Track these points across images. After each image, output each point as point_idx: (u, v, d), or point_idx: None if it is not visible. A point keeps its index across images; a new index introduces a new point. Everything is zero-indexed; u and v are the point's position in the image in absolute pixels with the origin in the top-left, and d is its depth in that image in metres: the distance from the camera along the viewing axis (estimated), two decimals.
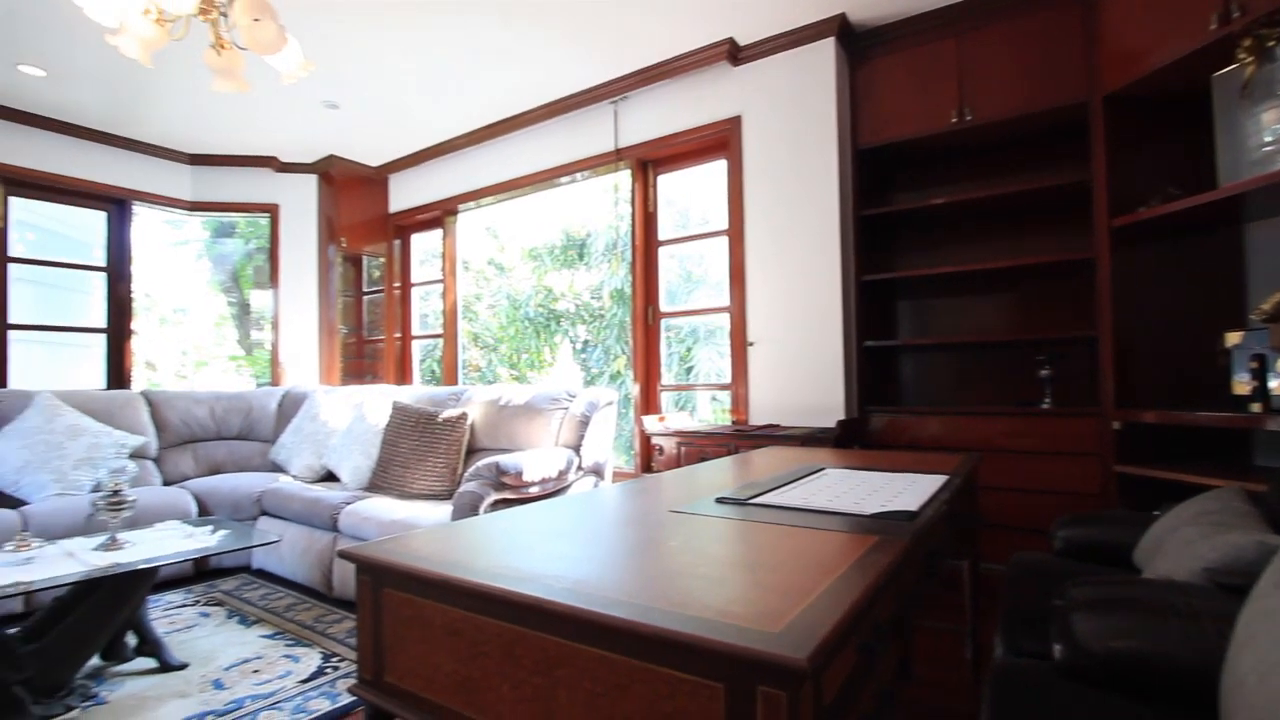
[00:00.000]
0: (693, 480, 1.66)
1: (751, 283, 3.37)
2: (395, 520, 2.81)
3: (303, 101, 3.88)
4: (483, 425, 3.43)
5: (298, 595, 3.12)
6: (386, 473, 3.35)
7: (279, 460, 3.99)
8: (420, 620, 0.85)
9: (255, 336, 7.90)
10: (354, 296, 5.17)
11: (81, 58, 3.36)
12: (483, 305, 7.52)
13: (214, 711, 2.01)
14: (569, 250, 7.33)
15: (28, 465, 3.13)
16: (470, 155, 4.58)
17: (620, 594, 0.74)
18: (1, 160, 3.92)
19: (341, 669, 2.31)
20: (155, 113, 4.04)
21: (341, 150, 4.72)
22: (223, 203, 4.86)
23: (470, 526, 1.14)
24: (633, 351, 3.90)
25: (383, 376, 5.08)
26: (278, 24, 1.80)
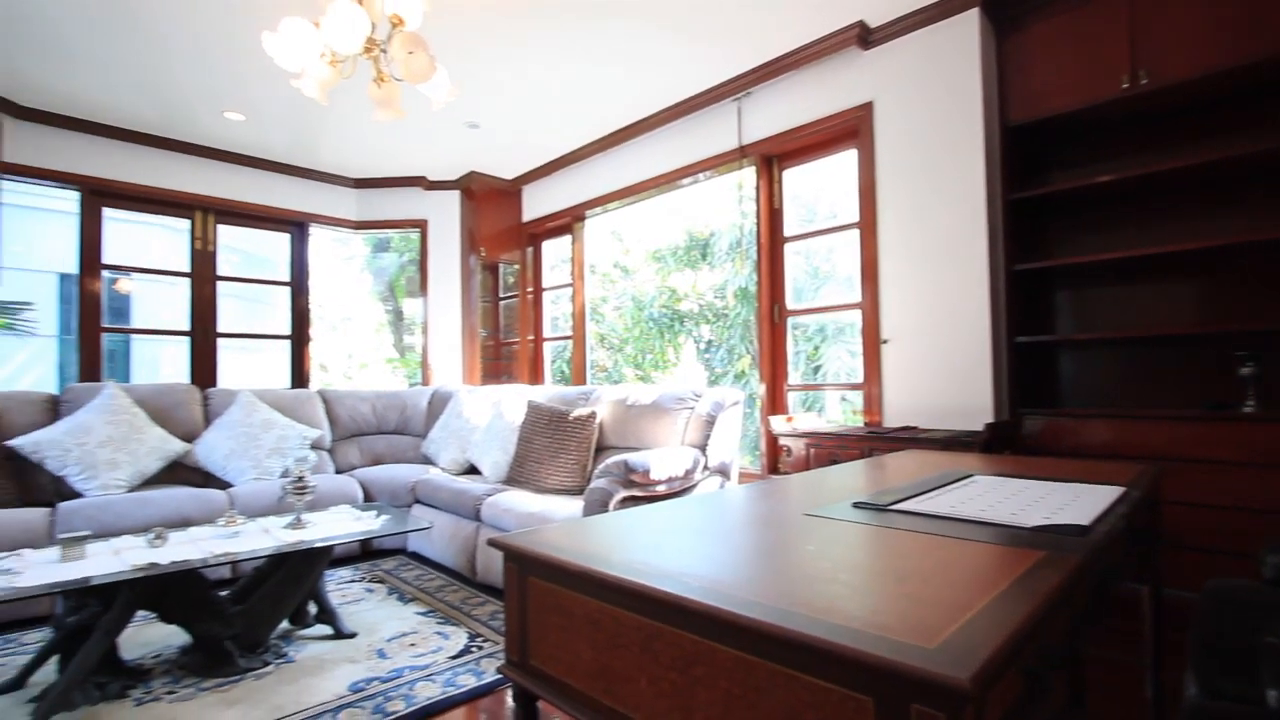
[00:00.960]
0: (824, 483, 1.60)
1: (885, 277, 3.19)
2: (531, 513, 2.97)
3: (447, 124, 4.22)
4: (611, 424, 3.53)
5: (446, 578, 3.39)
6: (523, 467, 3.55)
7: (429, 453, 4.37)
8: (562, 609, 0.90)
9: (407, 340, 8.72)
10: (491, 302, 5.54)
11: (271, 102, 3.88)
12: (609, 307, 7.75)
13: (379, 678, 2.24)
14: (692, 251, 7.36)
15: (232, 453, 3.67)
16: (596, 163, 4.74)
17: (758, 596, 0.74)
18: (212, 194, 4.63)
19: (485, 649, 2.48)
20: (327, 144, 4.58)
21: (480, 166, 5.07)
22: (381, 220, 5.40)
23: (605, 522, 1.18)
24: (758, 351, 3.84)
25: (517, 377, 5.39)
26: (429, 54, 1.98)
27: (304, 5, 2.71)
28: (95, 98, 3.84)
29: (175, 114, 4.06)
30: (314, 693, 2.12)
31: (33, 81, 3.65)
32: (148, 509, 3.08)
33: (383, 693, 2.12)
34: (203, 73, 3.54)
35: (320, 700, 2.07)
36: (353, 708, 2.03)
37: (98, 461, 3.23)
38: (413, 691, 2.13)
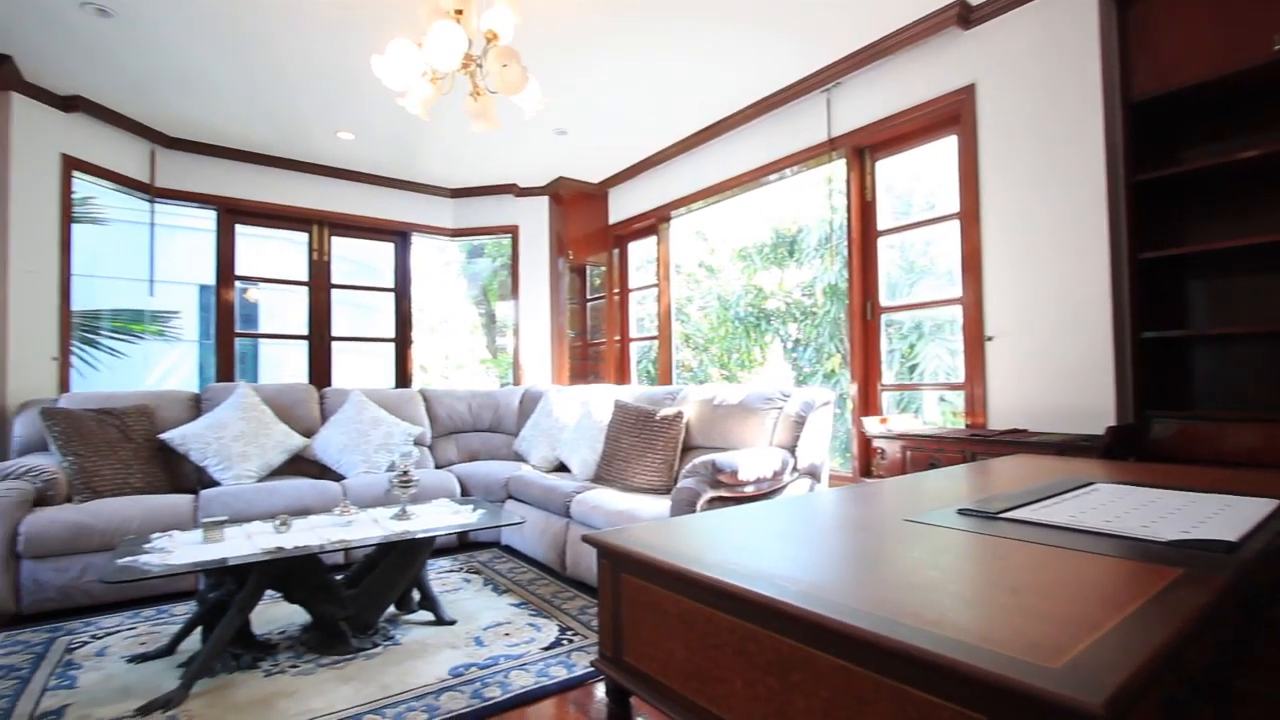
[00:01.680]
0: (923, 488, 1.53)
1: (989, 269, 3.00)
2: (619, 510, 3.02)
3: (537, 132, 4.36)
4: (697, 423, 3.52)
5: (537, 571, 3.50)
6: (610, 466, 3.61)
7: (521, 451, 4.52)
8: (655, 607, 0.91)
9: (499, 342, 9.09)
10: (579, 304, 5.66)
11: (377, 121, 4.15)
12: (694, 307, 7.74)
13: (476, 664, 2.34)
14: (778, 248, 7.22)
15: (345, 448, 3.96)
16: (681, 163, 4.74)
17: (859, 603, 0.71)
18: (327, 208, 5.02)
19: (575, 642, 2.53)
20: (427, 157, 4.85)
21: (568, 171, 5.20)
22: (475, 228, 5.65)
23: (696, 522, 1.17)
24: (849, 349, 3.71)
25: (604, 376, 5.48)
26: (521, 66, 2.06)
27: (407, 28, 2.88)
28: (228, 126, 4.26)
29: (295, 136, 4.43)
30: (418, 675, 2.25)
31: (178, 115, 4.09)
32: (274, 498, 3.37)
33: (480, 679, 2.22)
34: (318, 97, 3.84)
35: (424, 682, 2.19)
36: (453, 691, 2.13)
37: (232, 454, 3.58)
38: (508, 679, 2.21)
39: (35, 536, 2.81)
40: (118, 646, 2.52)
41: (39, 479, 2.98)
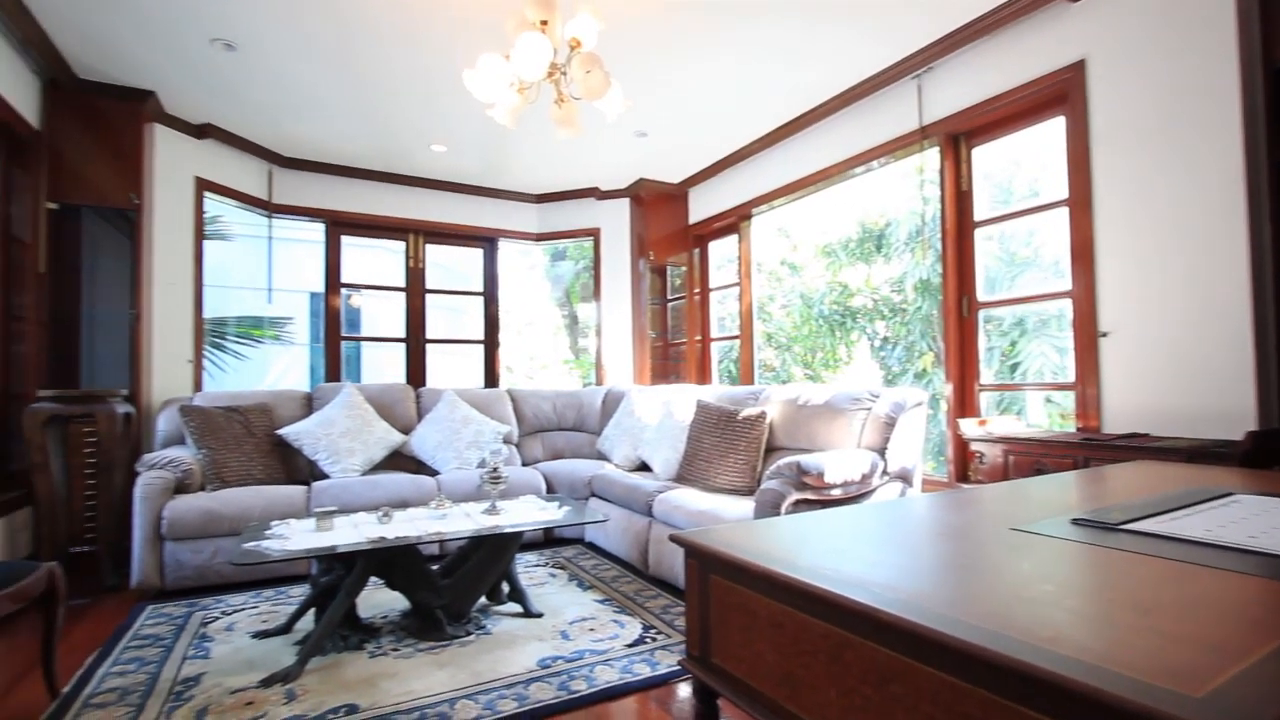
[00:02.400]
0: (1029, 495, 1.43)
1: (1103, 259, 2.76)
2: (701, 511, 3.01)
3: (618, 136, 4.42)
4: (781, 424, 3.45)
5: (620, 569, 3.54)
6: (692, 466, 3.60)
7: (603, 450, 4.59)
8: (744, 609, 0.90)
9: (581, 343, 9.28)
10: (660, 304, 5.69)
11: (468, 132, 4.34)
12: (776, 305, 7.59)
13: (563, 657, 2.40)
14: (865, 243, 6.96)
15: (440, 445, 4.16)
16: (763, 159, 4.67)
17: (964, 615, 0.67)
18: (421, 218, 5.30)
19: (659, 640, 2.55)
20: (513, 165, 5.02)
21: (648, 173, 5.23)
22: (558, 231, 5.80)
23: (785, 524, 1.15)
24: (943, 347, 3.53)
25: (685, 376, 5.48)
26: (604, 71, 2.09)
27: (496, 42, 3.00)
28: (335, 145, 4.58)
29: (393, 151, 4.71)
30: (508, 664, 2.34)
31: (293, 137, 4.44)
32: (376, 490, 3.59)
33: (567, 671, 2.28)
34: (415, 113, 4.06)
35: (513, 671, 2.27)
36: (541, 682, 2.20)
37: (339, 449, 3.84)
38: (593, 674, 2.26)
39: (175, 520, 3.13)
40: (243, 623, 2.77)
41: (178, 469, 3.32)
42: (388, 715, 1.98)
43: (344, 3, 2.89)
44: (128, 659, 2.41)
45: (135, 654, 2.46)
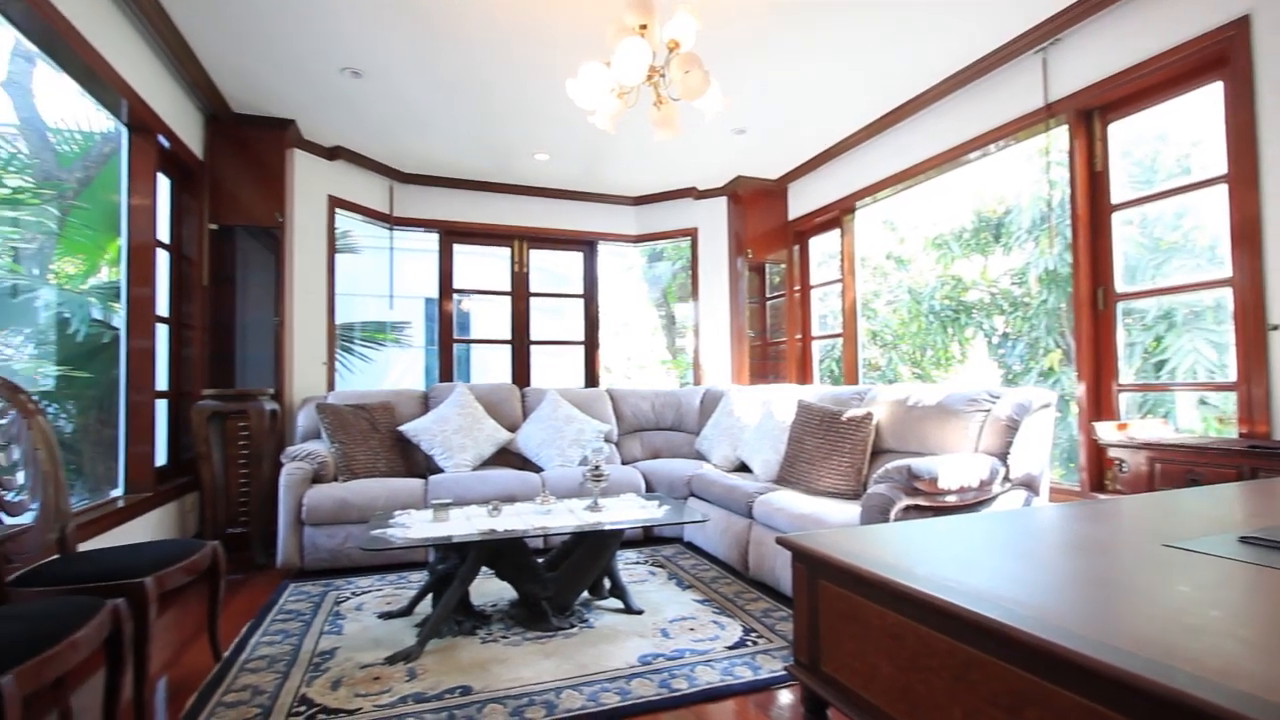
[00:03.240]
0: (1182, 508, 1.28)
1: (1272, 241, 2.42)
2: (803, 514, 2.93)
3: (715, 134, 4.39)
4: (888, 426, 3.30)
5: (719, 569, 3.52)
6: (793, 467, 3.52)
7: (702, 450, 4.58)
8: (857, 617, 0.87)
9: (679, 343, 9.31)
10: (758, 303, 5.60)
11: (569, 139, 4.48)
12: (881, 302, 7.25)
13: (663, 655, 2.42)
14: (981, 233, 6.50)
15: (543, 442, 4.32)
16: (866, 150, 4.48)
17: (1114, 639, 0.61)
18: (525, 224, 5.52)
19: (760, 644, 2.51)
20: (611, 169, 5.12)
21: (746, 170, 5.16)
22: (656, 233, 5.84)
23: (899, 531, 1.10)
24: (1074, 344, 3.22)
25: (785, 376, 5.36)
26: (703, 70, 2.09)
27: (596, 50, 3.07)
28: (448, 159, 4.87)
29: (500, 162, 4.94)
30: (610, 658, 2.38)
31: (411, 153, 4.77)
32: (485, 485, 3.78)
33: (668, 669, 2.29)
34: (520, 125, 4.24)
35: (615, 666, 2.32)
36: (642, 678, 2.23)
37: (452, 445, 4.08)
38: (694, 674, 2.25)
39: (313, 507, 3.45)
40: (370, 603, 3.00)
41: (315, 461, 3.65)
42: (499, 698, 2.08)
43: (456, 28, 3.07)
44: (275, 631, 2.68)
45: (281, 626, 2.73)
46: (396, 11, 2.95)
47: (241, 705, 2.05)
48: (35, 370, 3.91)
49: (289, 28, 3.08)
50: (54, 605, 1.64)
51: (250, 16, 3.00)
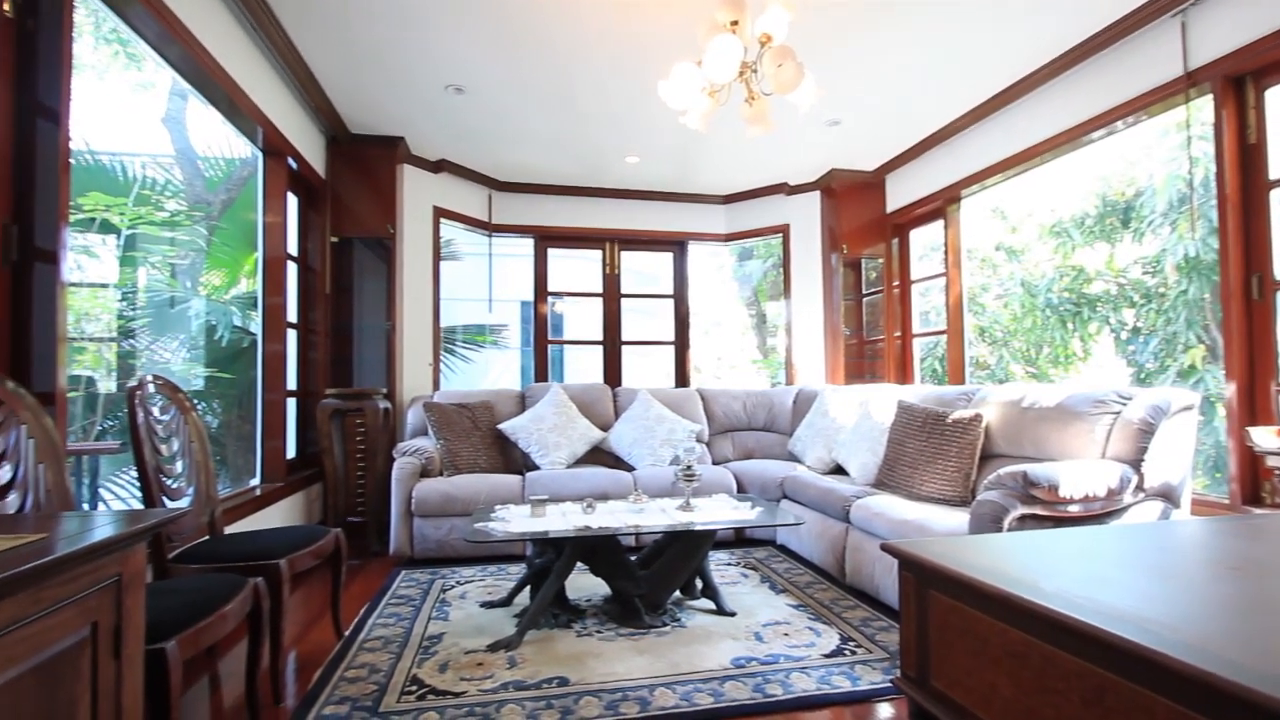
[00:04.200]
0: None
1: None
2: (906, 520, 2.79)
3: (808, 127, 4.27)
4: (1000, 428, 3.08)
5: (814, 574, 3.42)
6: (893, 471, 3.36)
7: (795, 451, 4.48)
8: (972, 632, 0.81)
9: (770, 342, 9.13)
10: (854, 299, 5.39)
11: (659, 141, 4.51)
12: (990, 296, 6.79)
13: (757, 659, 2.38)
14: (1107, 218, 5.93)
15: (635, 442, 4.37)
16: (972, 135, 4.21)
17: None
18: (617, 227, 5.61)
19: (858, 654, 2.42)
20: (701, 168, 5.10)
21: (840, 163, 4.99)
22: (746, 231, 5.77)
23: (1018, 541, 1.03)
24: (1222, 338, 2.88)
25: (883, 375, 5.13)
26: (796, 62, 2.04)
27: (686, 50, 3.08)
28: (543, 166, 5.04)
29: (592, 167, 5.05)
30: (703, 659, 2.38)
31: (508, 163, 4.97)
32: (579, 482, 3.88)
33: (762, 674, 2.25)
34: (612, 130, 4.32)
35: (708, 667, 2.31)
36: (735, 680, 2.20)
37: (548, 443, 4.21)
38: (789, 680, 2.21)
39: (421, 500, 3.67)
40: (473, 592, 3.16)
41: (423, 456, 3.88)
42: (594, 691, 2.12)
43: (548, 40, 3.17)
44: (388, 614, 2.88)
45: (394, 610, 2.92)
46: (495, 28, 3.09)
47: (360, 681, 2.22)
48: (188, 372, 4.41)
49: (400, 50, 3.30)
50: (206, 581, 1.84)
51: (366, 42, 3.24)
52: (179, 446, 2.29)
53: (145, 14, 2.26)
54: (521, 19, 3.00)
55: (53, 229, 1.81)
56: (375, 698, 2.10)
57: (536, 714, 1.99)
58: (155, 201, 4.52)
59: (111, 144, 4.61)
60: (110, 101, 5.22)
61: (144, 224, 4.38)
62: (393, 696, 2.11)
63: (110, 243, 4.25)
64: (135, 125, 4.94)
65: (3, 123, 1.76)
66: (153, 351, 4.39)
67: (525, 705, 2.04)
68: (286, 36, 3.17)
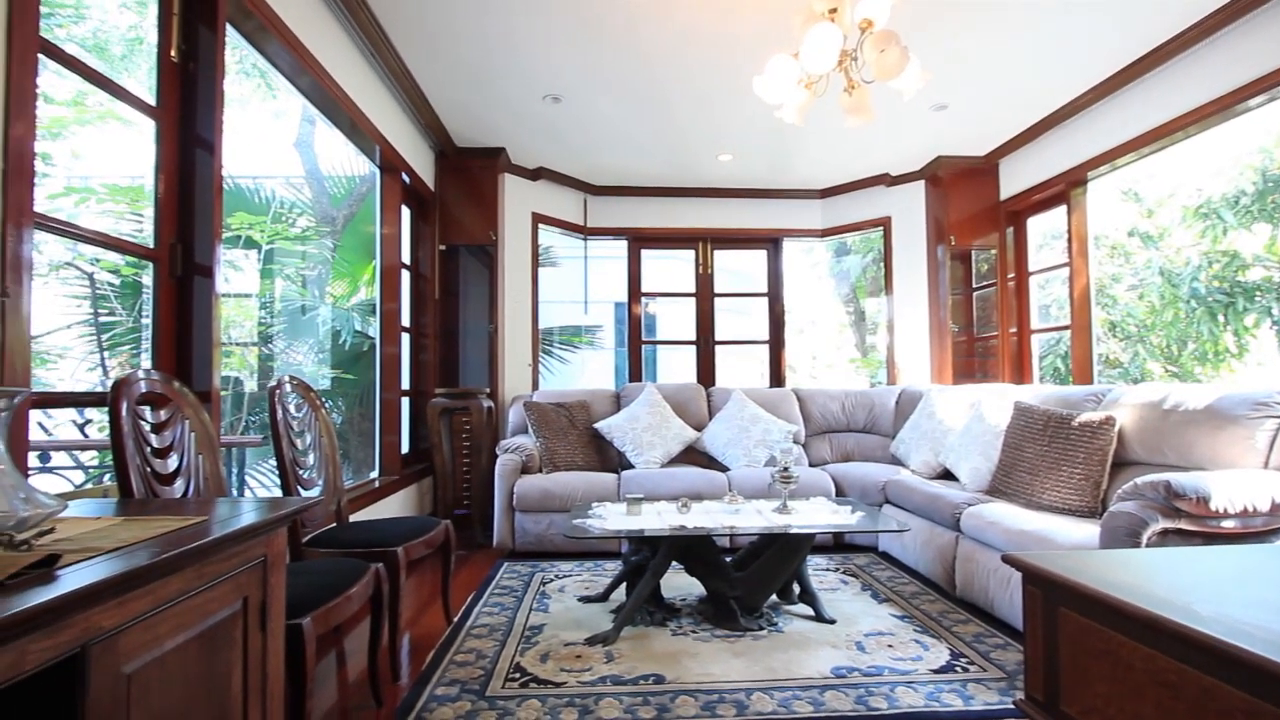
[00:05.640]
0: None
1: None
2: (1024, 530, 2.60)
3: (912, 113, 4.06)
4: (1135, 433, 2.79)
5: (920, 585, 3.25)
6: (1009, 477, 3.13)
7: (898, 454, 4.27)
8: (1112, 656, 0.74)
9: (869, 340, 8.75)
10: (962, 294, 5.06)
11: (752, 137, 4.45)
12: (1121, 287, 6.16)
13: (859, 669, 2.29)
14: (1268, 196, 5.23)
15: (729, 442, 4.33)
16: (1099, 111, 3.84)
17: None
18: (709, 226, 5.59)
19: (971, 672, 2.27)
20: (797, 163, 4.98)
21: (947, 149, 4.71)
22: (844, 225, 5.56)
23: (1164, 559, 0.93)
24: None
25: (996, 375, 4.79)
26: (900, 47, 1.95)
27: (781, 42, 3.02)
28: (636, 169, 5.11)
29: (684, 167, 5.06)
30: (801, 665, 2.32)
31: (602, 167, 5.08)
32: (673, 482, 3.89)
33: (864, 686, 2.17)
34: (702, 128, 4.31)
35: (806, 674, 2.25)
36: (836, 690, 2.13)
37: (642, 442, 4.26)
38: (894, 694, 2.11)
39: (522, 495, 3.82)
40: (570, 587, 3.25)
41: (523, 454, 4.04)
42: (690, 691, 2.12)
43: (642, 45, 3.21)
44: (493, 604, 3.01)
45: (498, 600, 3.06)
46: (588, 36, 3.16)
47: (469, 665, 2.34)
48: (316, 373, 4.84)
49: (501, 63, 3.45)
50: (334, 564, 2.00)
51: (470, 59, 3.41)
52: (311, 440, 2.51)
53: (280, 48, 2.50)
54: (613, 25, 3.05)
55: (208, 247, 2.05)
56: (482, 682, 2.21)
57: (634, 709, 2.01)
58: (288, 219, 5.00)
59: (252, 168, 5.14)
60: (251, 130, 5.81)
61: (280, 239, 4.85)
62: (498, 682, 2.21)
63: (252, 257, 4.75)
64: (271, 150, 5.48)
65: (171, 155, 2.01)
66: (287, 355, 4.86)
67: (623, 700, 2.07)
68: (400, 59, 3.40)
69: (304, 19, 2.63)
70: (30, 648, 0.70)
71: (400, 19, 3.05)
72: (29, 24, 1.43)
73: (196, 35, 2.06)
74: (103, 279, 3.84)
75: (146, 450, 1.58)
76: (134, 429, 1.54)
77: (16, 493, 0.92)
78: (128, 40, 4.18)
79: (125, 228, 3.95)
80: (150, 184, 1.99)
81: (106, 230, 2.11)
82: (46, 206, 1.53)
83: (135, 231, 3.81)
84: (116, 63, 4.13)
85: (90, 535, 1.00)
